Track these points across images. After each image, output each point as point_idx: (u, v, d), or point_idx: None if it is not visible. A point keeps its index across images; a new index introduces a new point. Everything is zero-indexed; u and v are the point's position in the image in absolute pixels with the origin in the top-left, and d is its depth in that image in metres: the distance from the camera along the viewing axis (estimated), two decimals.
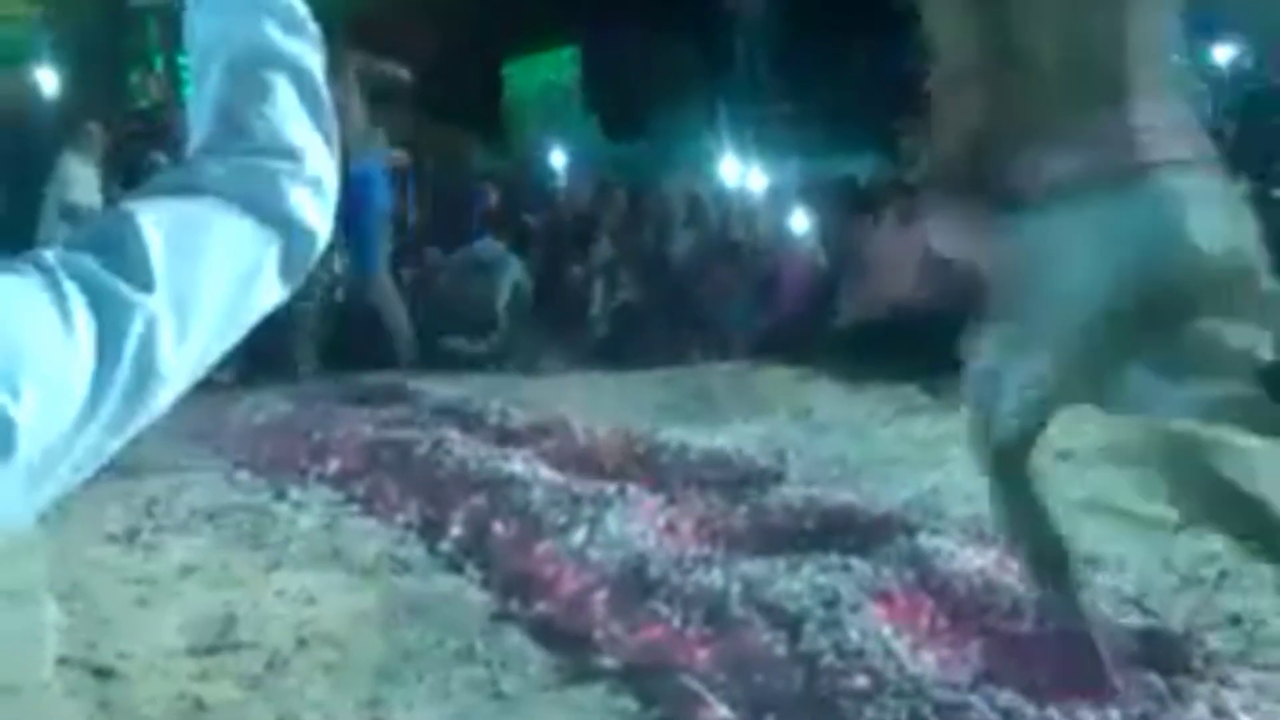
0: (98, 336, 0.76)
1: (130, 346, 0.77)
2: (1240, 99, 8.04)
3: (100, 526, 4.52)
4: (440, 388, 6.63)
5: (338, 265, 8.61)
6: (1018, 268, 2.57)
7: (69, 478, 0.78)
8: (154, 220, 0.80)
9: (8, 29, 10.52)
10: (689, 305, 8.17)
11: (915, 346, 7.11)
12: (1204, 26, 8.34)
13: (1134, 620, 2.87)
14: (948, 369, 6.88)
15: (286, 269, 0.86)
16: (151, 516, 4.66)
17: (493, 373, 7.76)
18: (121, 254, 0.78)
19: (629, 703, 2.91)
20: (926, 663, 2.75)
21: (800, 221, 8.26)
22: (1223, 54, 8.33)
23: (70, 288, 0.76)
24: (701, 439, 5.00)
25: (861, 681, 2.63)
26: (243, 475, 5.30)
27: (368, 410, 6.13)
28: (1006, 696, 2.53)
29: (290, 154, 0.86)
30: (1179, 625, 2.88)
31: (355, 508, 4.72)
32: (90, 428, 0.77)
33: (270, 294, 0.86)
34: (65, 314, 0.75)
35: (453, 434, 5.24)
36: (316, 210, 0.87)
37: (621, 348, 7.83)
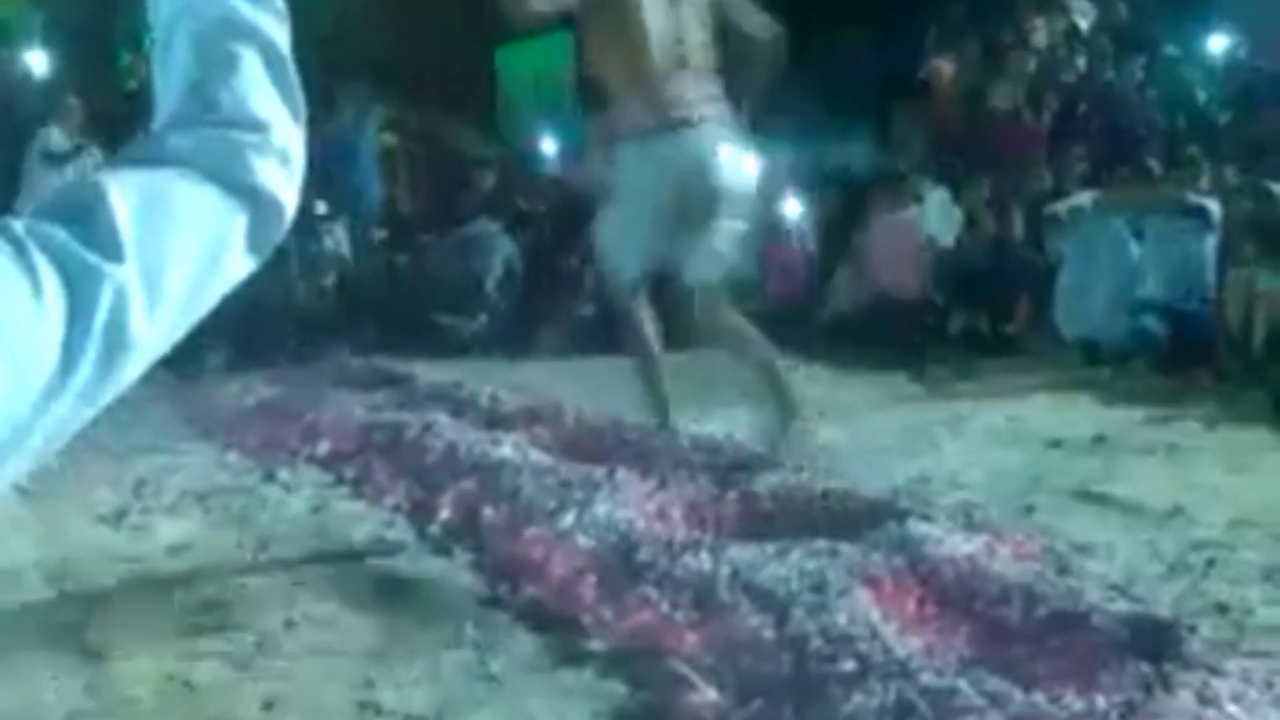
0: (68, 306, 0.75)
1: (100, 316, 0.76)
2: (1234, 90, 8.05)
3: (89, 508, 4.52)
4: (431, 371, 6.62)
5: (330, 244, 8.59)
6: (619, 179, 4.32)
7: (41, 449, 0.78)
8: (121, 190, 0.80)
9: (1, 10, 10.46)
10: (677, 291, 8.15)
11: (904, 334, 7.13)
12: (1199, 17, 8.35)
13: (1121, 607, 2.88)
14: (936, 357, 6.93)
15: (254, 242, 0.85)
16: (140, 498, 4.66)
17: (483, 357, 7.76)
18: (90, 224, 0.77)
19: (618, 686, 2.92)
20: (914, 647, 2.75)
21: (790, 208, 8.25)
22: (1218, 44, 8.33)
23: (39, 258, 0.75)
24: (691, 425, 5.00)
25: (849, 665, 2.63)
26: (232, 457, 5.29)
27: (358, 393, 6.13)
28: (994, 682, 2.54)
29: (256, 126, 0.86)
30: (1167, 612, 2.88)
31: (345, 490, 4.72)
32: (61, 398, 0.76)
33: (237, 266, 0.86)
34: (35, 284, 0.74)
35: (443, 417, 5.24)
36: (283, 182, 0.86)
37: (609, 334, 7.81)
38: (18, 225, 0.77)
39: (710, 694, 2.72)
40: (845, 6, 9.03)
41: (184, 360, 7.46)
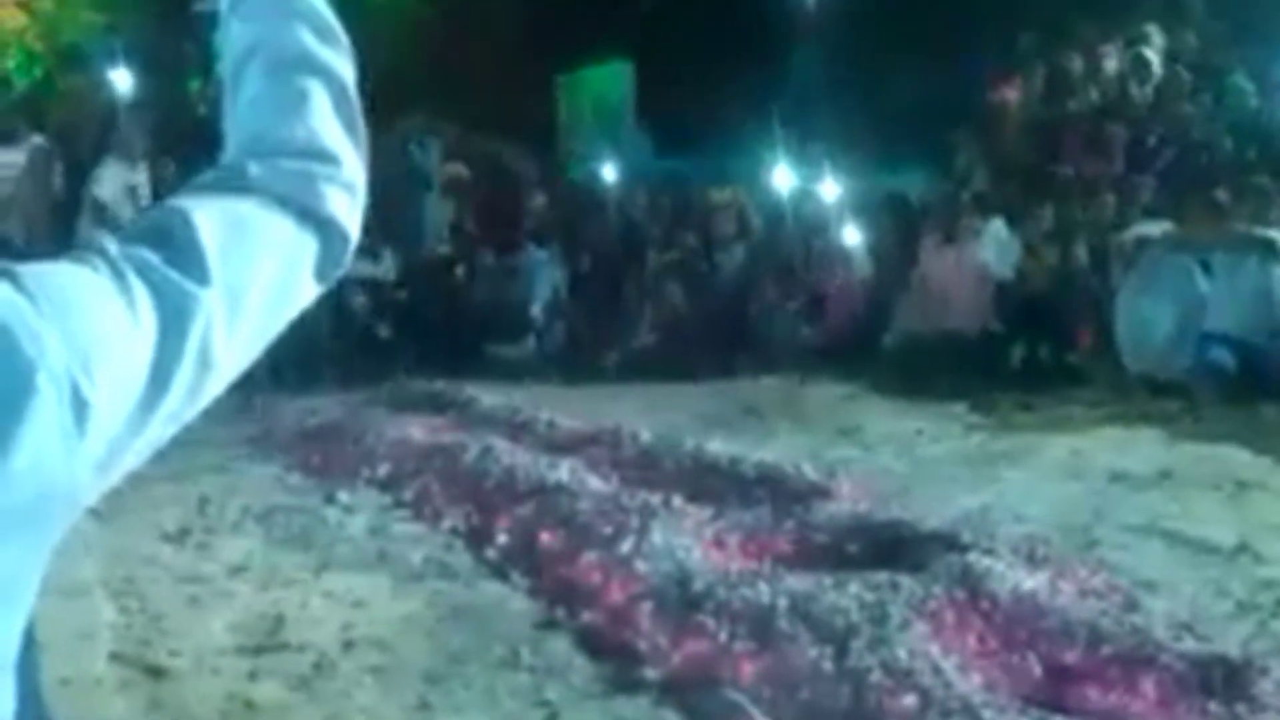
0: (160, 327, 0.78)
1: (192, 339, 0.79)
2: None
3: (154, 526, 4.58)
4: (489, 395, 6.66)
5: (389, 270, 8.68)
6: None
7: (129, 465, 0.80)
8: (206, 216, 0.82)
9: (76, 36, 10.74)
10: (737, 319, 8.14)
11: (966, 364, 7.06)
12: (1271, 46, 8.21)
13: (1189, 646, 2.82)
14: (999, 387, 6.85)
15: (322, 268, 0.88)
16: (204, 516, 4.72)
17: (540, 381, 7.79)
18: (178, 248, 0.80)
19: (673, 715, 2.90)
20: (975, 683, 2.72)
21: (851, 237, 8.22)
22: None
23: (134, 281, 0.77)
24: (749, 453, 4.98)
25: (909, 700, 2.60)
26: (293, 478, 5.35)
27: (417, 416, 6.17)
28: (1058, 719, 2.50)
29: (328, 158, 0.89)
30: (1235, 652, 2.82)
31: (403, 512, 4.75)
32: (152, 417, 0.79)
33: (306, 293, 0.89)
34: (131, 304, 0.76)
35: (501, 441, 5.26)
36: (350, 212, 0.90)
37: (669, 359, 7.82)
38: (112, 247, 0.79)
39: None
40: (909, 35, 9.01)
41: (246, 382, 7.54)
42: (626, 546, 3.72)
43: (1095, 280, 7.23)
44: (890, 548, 3.68)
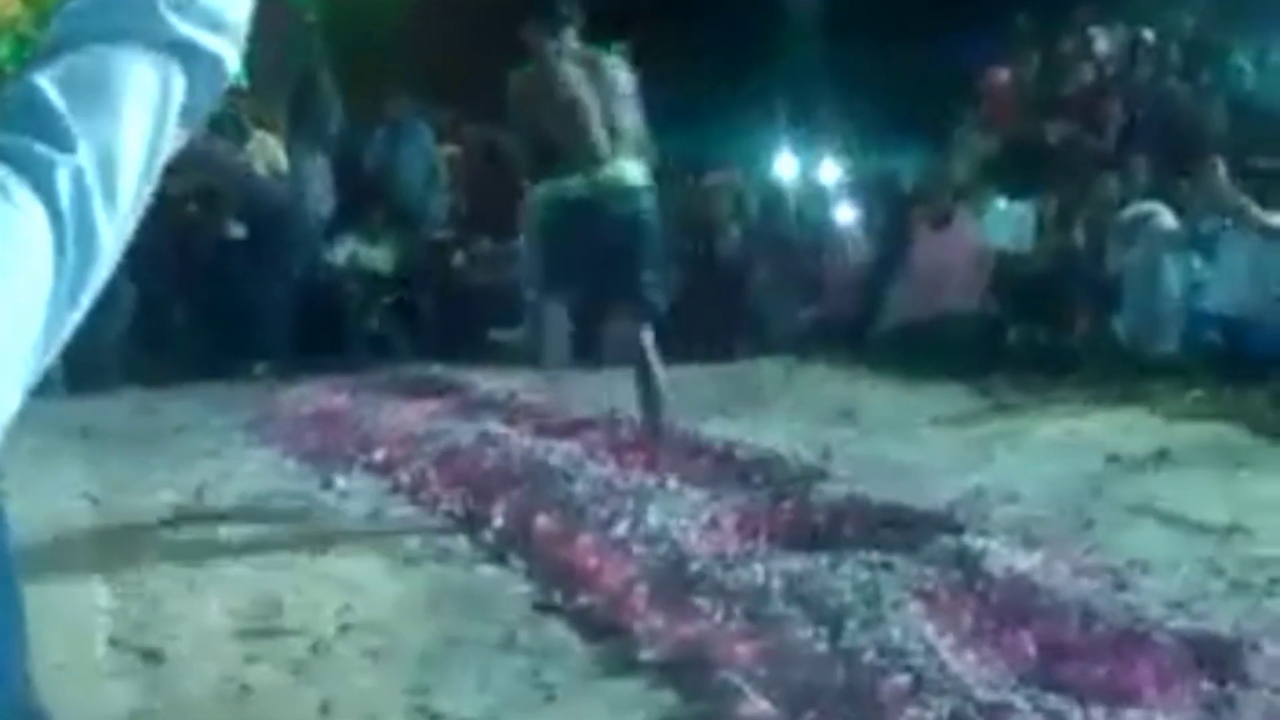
0: (45, 210, 0.73)
1: (69, 209, 0.74)
2: None
3: (151, 511, 4.60)
4: (486, 380, 6.66)
5: (383, 253, 8.67)
6: None
7: (42, 360, 0.75)
8: (49, 79, 0.77)
9: None
10: (735, 301, 8.14)
11: (962, 346, 7.06)
12: (1271, 25, 8.19)
13: (1182, 624, 2.83)
14: (995, 368, 6.85)
15: (191, 100, 0.81)
16: (200, 501, 4.73)
17: (536, 366, 7.78)
18: (33, 118, 0.75)
19: (670, 696, 2.91)
20: (969, 662, 2.73)
21: (847, 220, 8.21)
22: None
23: (1, 168, 0.72)
24: (746, 435, 4.99)
25: (903, 679, 2.61)
26: (290, 463, 5.35)
27: (413, 401, 6.18)
28: (1051, 699, 2.51)
29: None
30: (1228, 631, 2.83)
31: (400, 497, 4.76)
32: (57, 301, 0.74)
33: (174, 132, 0.81)
34: (5, 193, 0.72)
35: (497, 425, 5.27)
36: (212, 36, 0.82)
37: (666, 342, 7.82)
38: None
39: (762, 706, 2.72)
40: (907, 17, 8.98)
41: (241, 367, 7.60)
42: (623, 529, 3.73)
43: (1092, 261, 7.23)
44: (885, 529, 3.70)
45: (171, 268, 7.49)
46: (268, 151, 8.41)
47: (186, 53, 0.81)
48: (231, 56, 0.84)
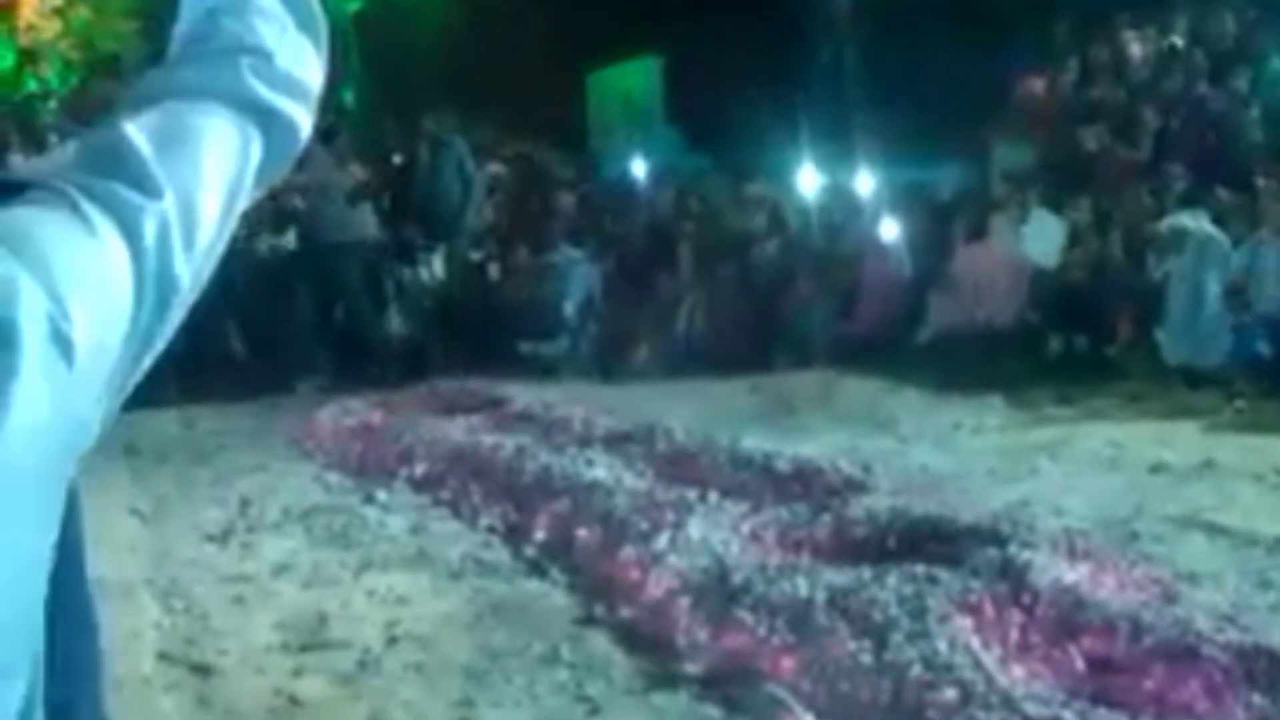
0: (127, 249, 0.75)
1: (153, 254, 0.76)
2: None
3: (197, 527, 4.64)
4: (524, 394, 6.69)
5: (425, 270, 8.74)
6: None
7: (124, 393, 0.78)
8: (139, 127, 0.80)
9: (111, 44, 10.89)
10: (771, 314, 8.14)
11: (1002, 356, 7.02)
12: None
13: (1232, 638, 2.80)
14: (1036, 379, 6.80)
15: (266, 164, 0.85)
16: (245, 517, 4.77)
17: (575, 379, 7.82)
18: (120, 164, 0.78)
19: (713, 710, 2.92)
20: (1016, 676, 2.71)
21: (885, 231, 8.19)
22: None
23: (88, 207, 0.75)
24: (786, 448, 4.98)
25: (950, 694, 2.60)
26: (332, 478, 5.39)
27: (454, 416, 6.21)
28: (1099, 713, 2.49)
29: (257, 51, 0.86)
30: (1278, 643, 2.80)
31: (442, 511, 4.78)
32: (134, 339, 0.76)
33: (250, 191, 0.85)
34: (92, 231, 0.74)
35: (537, 439, 5.29)
36: (291, 102, 0.86)
37: (704, 355, 7.83)
38: (56, 180, 0.76)
39: (807, 719, 2.71)
40: (941, 28, 8.96)
41: (283, 384, 7.67)
42: (663, 542, 3.74)
43: (1131, 271, 7.18)
44: (928, 541, 3.68)
45: (215, 285, 7.57)
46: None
47: (266, 116, 0.86)
48: (306, 123, 0.88)
